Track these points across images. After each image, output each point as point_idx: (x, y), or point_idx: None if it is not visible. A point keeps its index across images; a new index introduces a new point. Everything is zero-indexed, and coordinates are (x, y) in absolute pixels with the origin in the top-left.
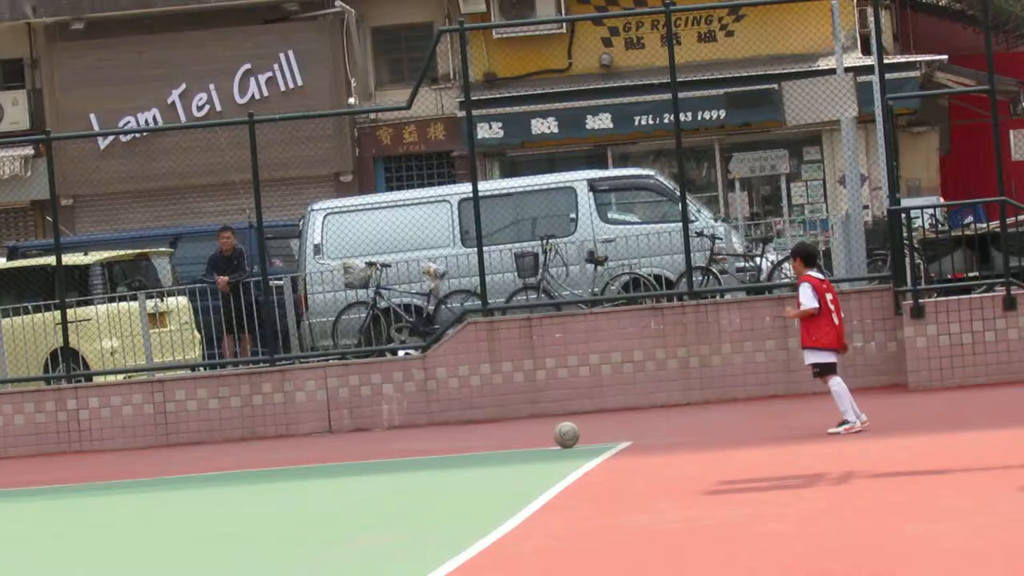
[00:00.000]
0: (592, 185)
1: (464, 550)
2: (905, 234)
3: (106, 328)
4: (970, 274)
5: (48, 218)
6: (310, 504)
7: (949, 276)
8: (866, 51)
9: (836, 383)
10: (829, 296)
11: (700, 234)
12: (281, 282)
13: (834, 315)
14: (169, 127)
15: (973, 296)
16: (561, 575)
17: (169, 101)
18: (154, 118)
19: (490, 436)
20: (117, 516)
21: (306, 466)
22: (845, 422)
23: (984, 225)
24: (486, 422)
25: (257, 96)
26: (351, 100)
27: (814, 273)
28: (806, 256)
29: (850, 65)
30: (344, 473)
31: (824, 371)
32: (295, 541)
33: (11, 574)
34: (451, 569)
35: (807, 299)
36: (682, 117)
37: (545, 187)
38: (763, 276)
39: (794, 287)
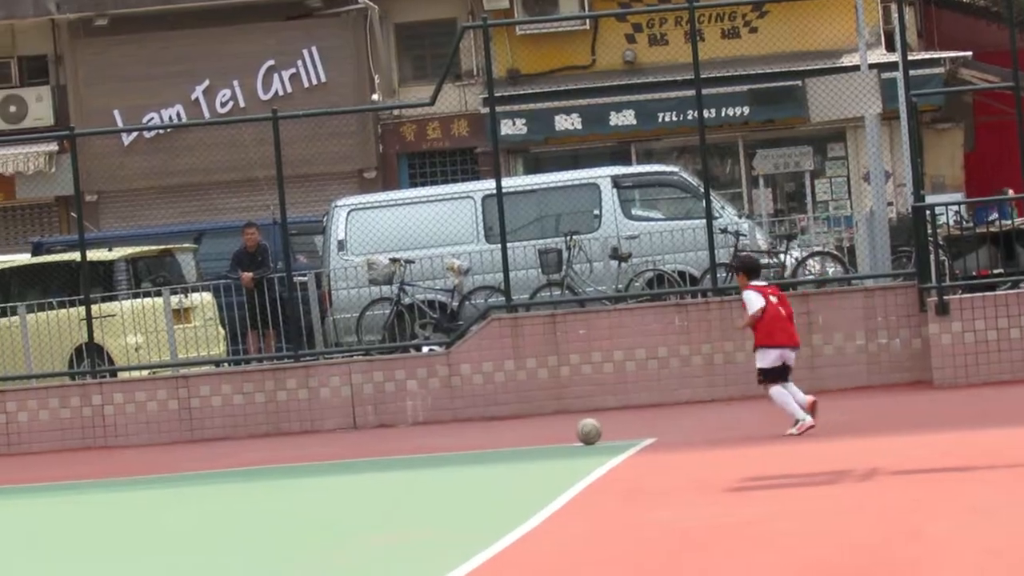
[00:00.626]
0: (616, 181)
1: (488, 547)
2: (930, 231)
3: (130, 324)
4: (995, 271)
5: (72, 214)
6: (334, 500)
7: (974, 273)
8: (890, 47)
9: (775, 392)
10: (774, 299)
11: (724, 230)
12: (305, 278)
13: (782, 310)
14: (193, 123)
15: (998, 293)
16: (585, 572)
17: (193, 97)
18: (178, 114)
19: (514, 432)
20: (141, 511)
21: (330, 462)
22: (798, 420)
23: (1009, 222)
24: (510, 418)
25: (281, 92)
26: (374, 96)
27: (756, 283)
28: (748, 270)
29: (874, 62)
30: (368, 469)
31: (767, 377)
32: (319, 537)
33: (34, 569)
34: (475, 566)
35: (752, 302)
36: (706, 114)
37: (569, 183)
38: (787, 273)
39: (818, 284)
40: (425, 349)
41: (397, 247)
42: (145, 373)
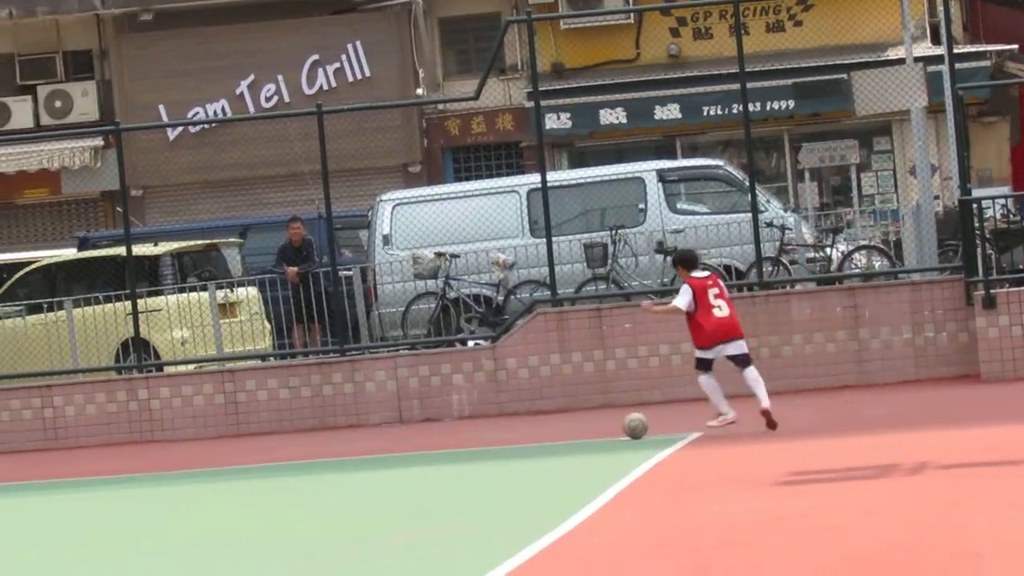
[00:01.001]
0: (661, 175)
1: (535, 541)
2: (976, 224)
3: (176, 318)
4: None
5: (118, 208)
6: (380, 494)
7: (1021, 266)
8: (936, 40)
9: (703, 380)
10: (714, 291)
11: (770, 224)
12: (351, 272)
13: (717, 309)
14: (237, 118)
15: None
16: (633, 566)
17: (237, 92)
18: (222, 109)
19: (560, 426)
20: (185, 505)
21: (376, 456)
22: (721, 414)
23: None
24: (556, 412)
25: (325, 87)
26: (419, 91)
27: (696, 274)
28: (685, 262)
29: (920, 55)
30: (414, 463)
31: (700, 366)
32: (365, 531)
33: (79, 563)
34: (522, 561)
35: (679, 299)
36: (751, 107)
37: (614, 177)
38: (834, 267)
39: (865, 277)
40: (471, 343)
41: (442, 241)
42: (191, 367)
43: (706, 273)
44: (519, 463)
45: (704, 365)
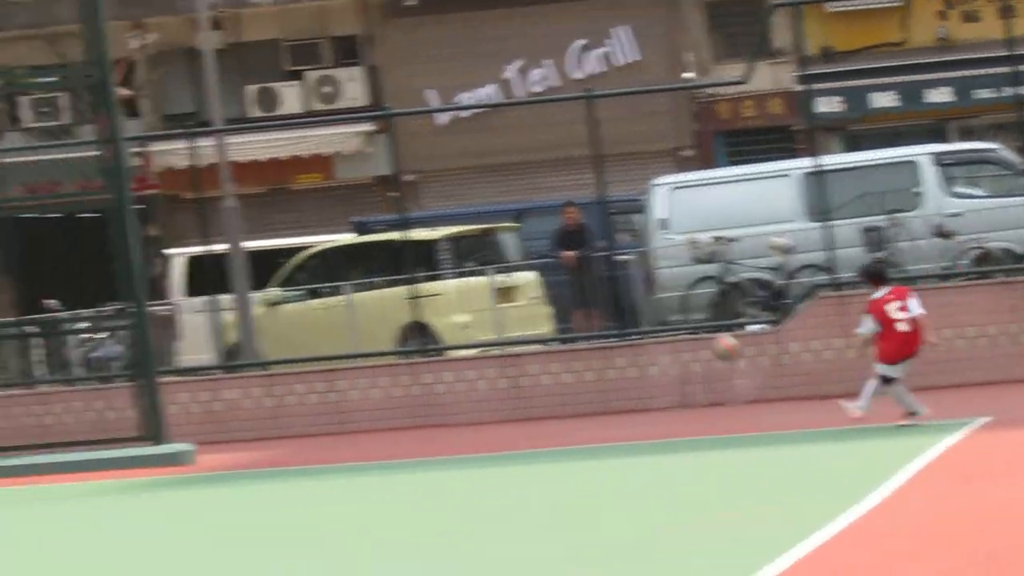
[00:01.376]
0: (936, 159)
1: (828, 524)
2: None
3: (456, 302)
4: None
5: (390, 193)
6: (667, 479)
7: None
8: None
9: (892, 391)
10: (896, 305)
11: None
12: (629, 257)
13: (900, 323)
14: (506, 103)
15: None
16: (925, 553)
17: (504, 76)
18: (490, 94)
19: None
20: (474, 490)
21: (660, 441)
22: (914, 413)
23: None
24: (841, 397)
25: (594, 71)
26: (686, 75)
27: (877, 293)
28: (874, 276)
29: None
30: (699, 448)
31: (887, 383)
32: (653, 515)
33: (383, 546)
34: (814, 546)
35: (861, 328)
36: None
37: (888, 161)
38: None
39: None
40: (752, 327)
41: (718, 225)
42: (473, 352)
43: (887, 289)
44: (805, 447)
45: (888, 381)
